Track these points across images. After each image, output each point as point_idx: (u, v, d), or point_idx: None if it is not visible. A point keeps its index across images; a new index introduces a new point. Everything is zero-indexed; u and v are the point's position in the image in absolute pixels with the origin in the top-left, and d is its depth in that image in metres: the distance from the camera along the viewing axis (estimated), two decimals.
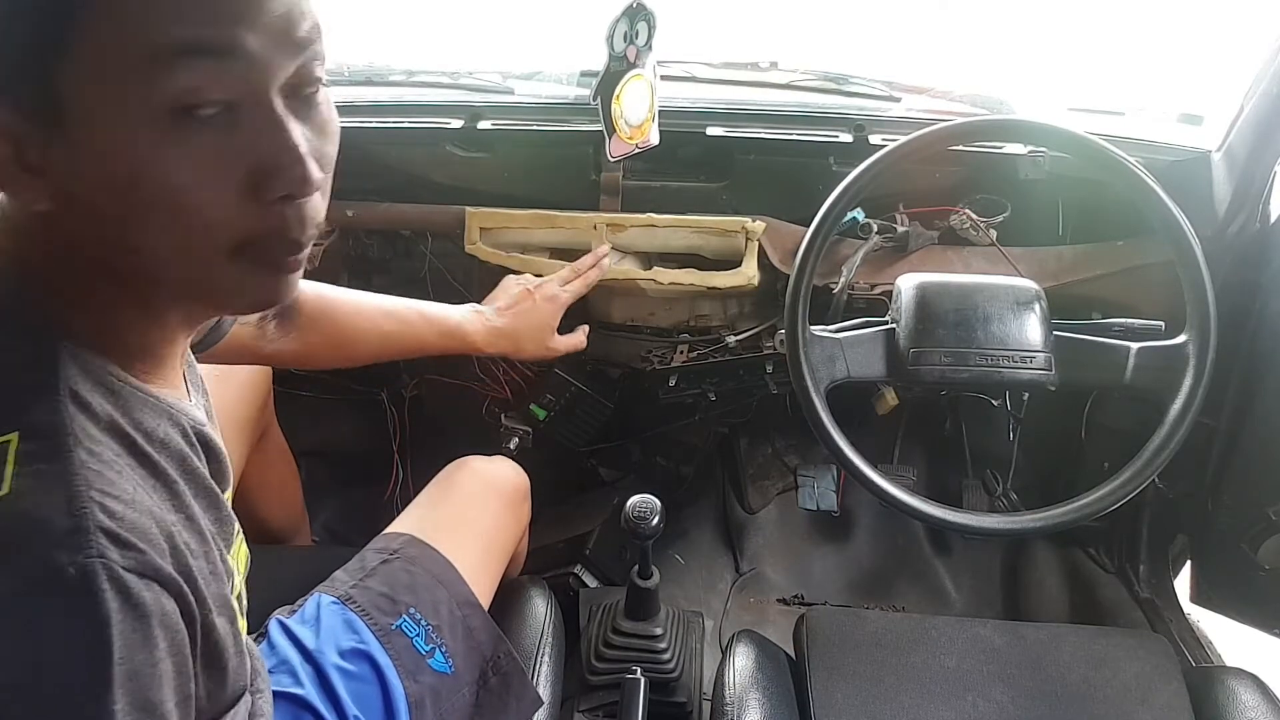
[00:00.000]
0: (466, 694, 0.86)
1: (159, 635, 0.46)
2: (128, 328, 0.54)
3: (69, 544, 0.43)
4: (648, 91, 1.16)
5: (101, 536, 0.44)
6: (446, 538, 0.93)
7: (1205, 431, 1.21)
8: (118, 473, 0.48)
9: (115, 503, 0.46)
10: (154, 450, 0.52)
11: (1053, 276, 1.20)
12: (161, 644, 0.46)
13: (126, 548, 0.45)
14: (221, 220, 0.48)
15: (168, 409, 0.55)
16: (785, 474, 1.72)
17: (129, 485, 0.48)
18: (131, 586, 0.44)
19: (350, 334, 1.04)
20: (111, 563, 0.44)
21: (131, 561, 0.45)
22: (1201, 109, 1.26)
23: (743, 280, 1.23)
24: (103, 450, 0.48)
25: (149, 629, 0.45)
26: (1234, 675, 1.01)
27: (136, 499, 0.48)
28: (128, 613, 0.44)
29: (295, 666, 0.79)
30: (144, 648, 0.45)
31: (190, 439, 0.57)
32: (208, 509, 0.56)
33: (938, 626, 1.07)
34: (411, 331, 1.09)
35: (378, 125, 1.27)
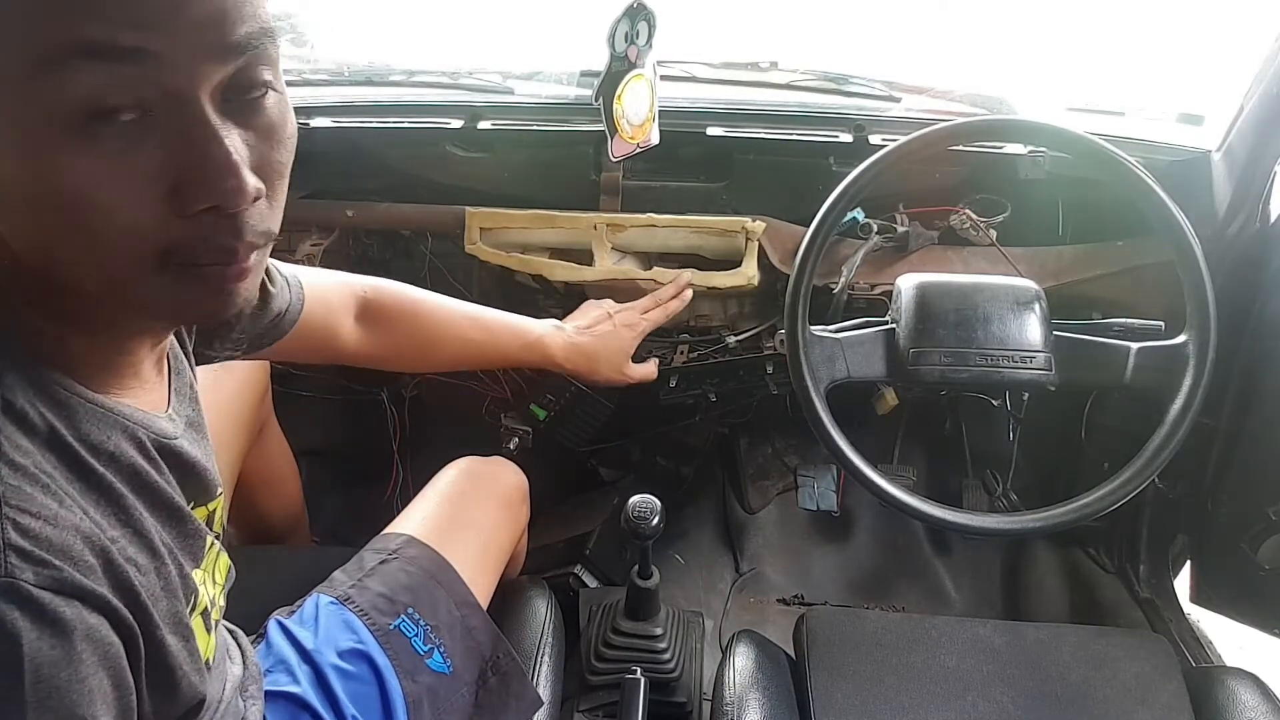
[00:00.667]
0: (465, 694, 0.86)
1: (84, 650, 0.44)
2: (74, 339, 0.52)
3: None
4: (648, 91, 1.16)
5: (12, 555, 0.43)
6: (445, 538, 0.93)
7: (1205, 431, 1.21)
8: (43, 487, 0.46)
9: (32, 520, 0.44)
10: (99, 463, 0.50)
11: (1053, 276, 1.20)
12: (88, 659, 0.45)
13: (41, 565, 0.43)
14: (140, 230, 0.45)
15: (122, 421, 0.53)
16: (785, 474, 1.72)
17: (53, 501, 0.46)
18: (46, 604, 0.43)
19: (434, 337, 1.05)
20: (20, 581, 0.42)
21: (46, 579, 0.43)
22: (1201, 109, 1.26)
23: (743, 280, 1.23)
24: (29, 463, 0.46)
25: (70, 645, 0.44)
26: (1234, 675, 1.01)
27: (61, 515, 0.46)
28: (43, 630, 0.43)
29: (293, 666, 0.79)
30: (66, 665, 0.43)
31: (149, 452, 0.55)
32: (166, 523, 0.55)
33: (938, 626, 1.07)
34: (495, 340, 1.10)
35: (378, 125, 1.27)
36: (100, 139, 0.43)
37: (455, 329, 1.06)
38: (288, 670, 0.78)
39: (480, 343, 1.08)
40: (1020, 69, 1.56)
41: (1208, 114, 1.24)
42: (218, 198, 0.46)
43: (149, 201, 0.45)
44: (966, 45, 1.71)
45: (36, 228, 0.46)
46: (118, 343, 0.55)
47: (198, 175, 0.45)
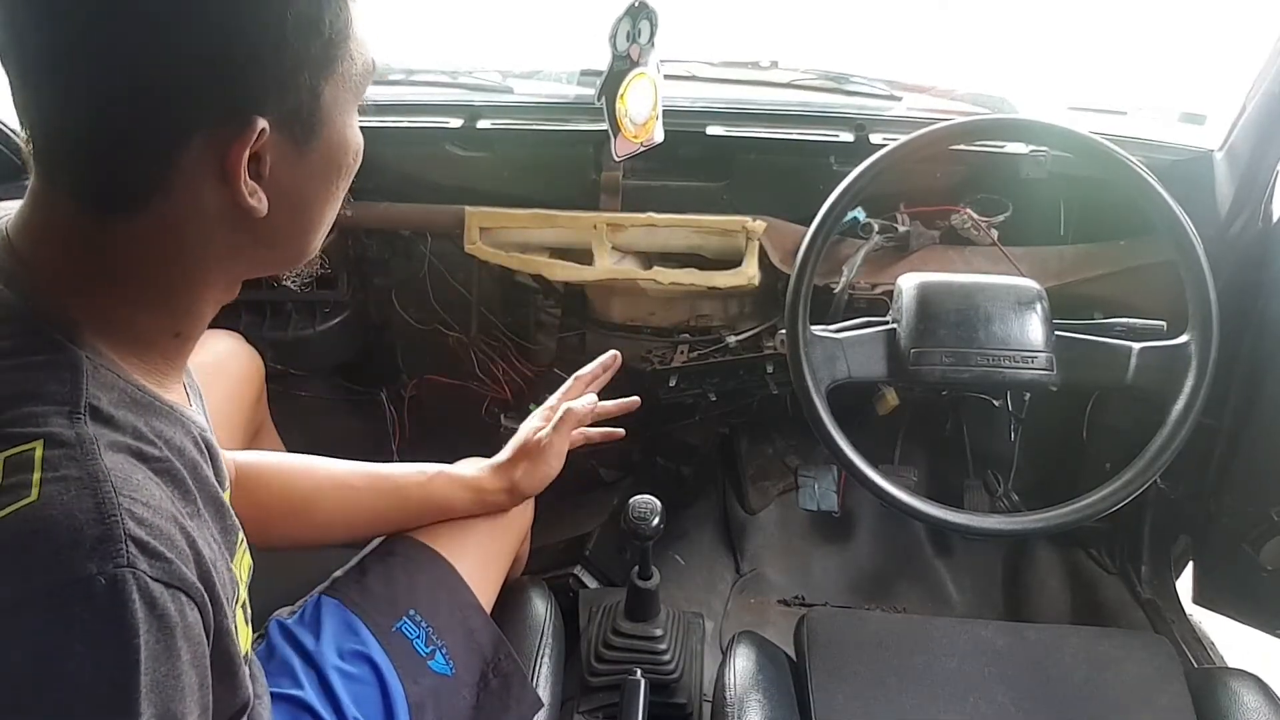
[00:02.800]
0: (467, 696, 0.86)
1: (182, 646, 0.46)
2: (155, 335, 0.55)
3: (99, 552, 0.43)
4: (651, 90, 1.16)
5: (132, 545, 0.44)
6: (447, 540, 0.92)
7: (1207, 432, 1.21)
8: (143, 481, 0.48)
9: (144, 509, 0.46)
10: (173, 457, 0.52)
11: (1054, 276, 1.20)
12: (184, 655, 0.46)
13: (155, 557, 0.45)
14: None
15: (180, 417, 0.56)
16: (786, 474, 1.72)
17: (155, 493, 0.48)
18: (158, 597, 0.45)
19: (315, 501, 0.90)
20: (140, 572, 0.44)
21: (159, 571, 0.45)
22: (1204, 108, 1.26)
23: (743, 280, 1.23)
24: (126, 458, 0.48)
25: (173, 640, 0.45)
26: (1236, 676, 1.01)
27: (162, 506, 0.48)
28: (153, 623, 0.44)
29: (295, 668, 0.78)
30: (167, 659, 0.45)
31: (200, 446, 0.57)
32: (215, 517, 0.56)
33: (939, 627, 1.07)
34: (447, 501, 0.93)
35: (377, 125, 1.27)
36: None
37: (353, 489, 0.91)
38: (290, 673, 0.78)
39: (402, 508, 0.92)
40: (1022, 68, 1.56)
41: (1210, 113, 1.24)
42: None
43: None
44: (968, 44, 1.71)
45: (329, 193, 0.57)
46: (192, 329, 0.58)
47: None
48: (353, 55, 0.53)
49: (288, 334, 1.42)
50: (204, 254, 0.53)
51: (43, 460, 0.45)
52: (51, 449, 0.45)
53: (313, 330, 1.43)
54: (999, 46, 1.68)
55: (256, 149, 0.49)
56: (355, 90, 0.55)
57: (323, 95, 0.52)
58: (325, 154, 0.54)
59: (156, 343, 0.55)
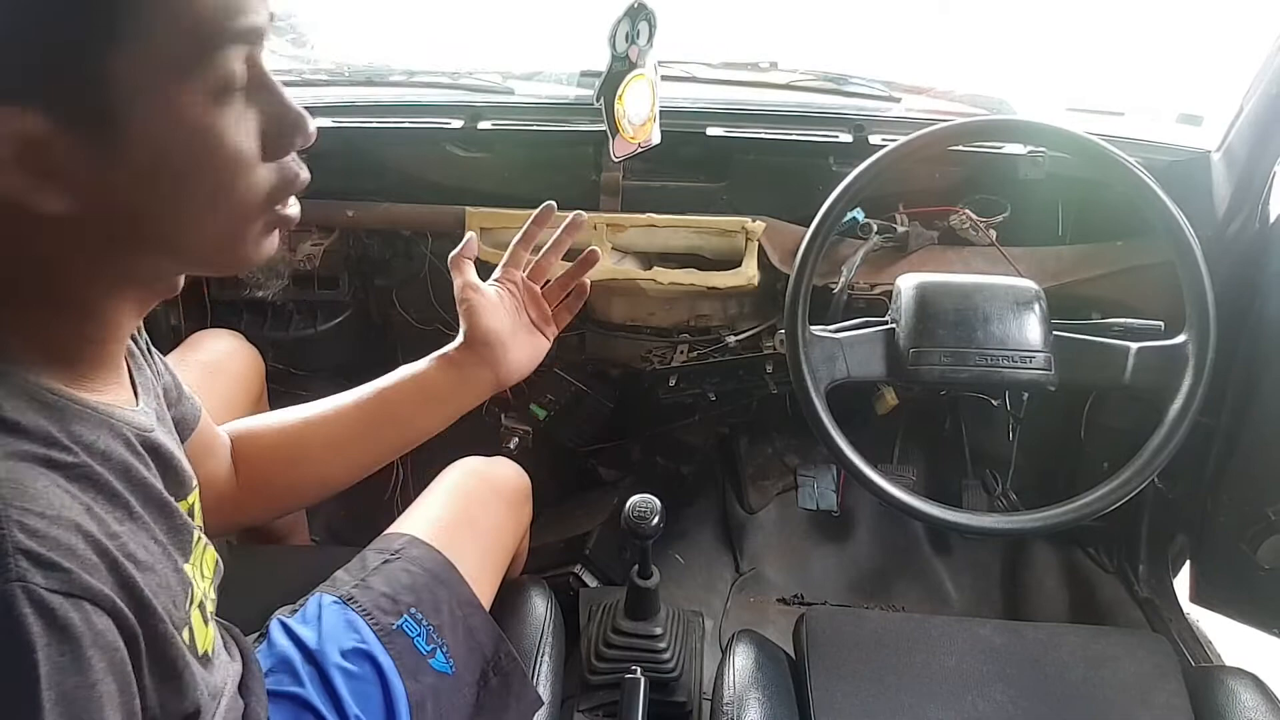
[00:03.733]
0: (467, 694, 0.86)
1: (93, 656, 0.44)
2: (67, 338, 0.53)
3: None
4: (650, 91, 1.17)
5: (21, 558, 0.42)
6: (448, 538, 0.93)
7: (1205, 431, 1.21)
8: (43, 489, 0.46)
9: (37, 520, 0.44)
10: (94, 462, 0.50)
11: (1052, 276, 1.20)
12: (97, 664, 0.44)
13: (50, 568, 0.43)
14: (256, 180, 0.52)
15: (107, 419, 0.53)
16: (785, 474, 1.72)
17: (55, 501, 0.46)
18: (56, 609, 0.43)
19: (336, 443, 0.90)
20: (33, 585, 0.42)
21: (55, 582, 0.43)
22: (1201, 109, 1.26)
23: (743, 280, 1.23)
24: (27, 468, 0.46)
25: (79, 650, 0.43)
26: (1233, 675, 1.01)
27: (63, 515, 0.46)
28: (54, 636, 0.42)
29: (296, 666, 0.78)
30: (76, 671, 0.43)
31: (135, 448, 0.55)
32: (158, 518, 0.55)
33: (937, 626, 1.07)
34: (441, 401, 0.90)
35: (378, 125, 1.28)
36: (230, 106, 0.50)
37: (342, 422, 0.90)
38: (290, 671, 0.78)
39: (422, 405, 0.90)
40: (1020, 69, 1.56)
41: (1207, 114, 1.24)
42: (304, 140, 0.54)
43: (257, 154, 0.52)
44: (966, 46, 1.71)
45: (168, 199, 0.50)
46: (113, 331, 0.55)
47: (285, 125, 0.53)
48: (173, 17, 0.45)
49: (289, 334, 1.43)
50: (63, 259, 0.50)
51: None
52: None
53: (314, 330, 1.44)
54: (997, 48, 1.68)
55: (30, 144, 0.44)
56: (181, 66, 0.46)
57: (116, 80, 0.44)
58: (151, 150, 0.47)
59: (69, 348, 0.53)
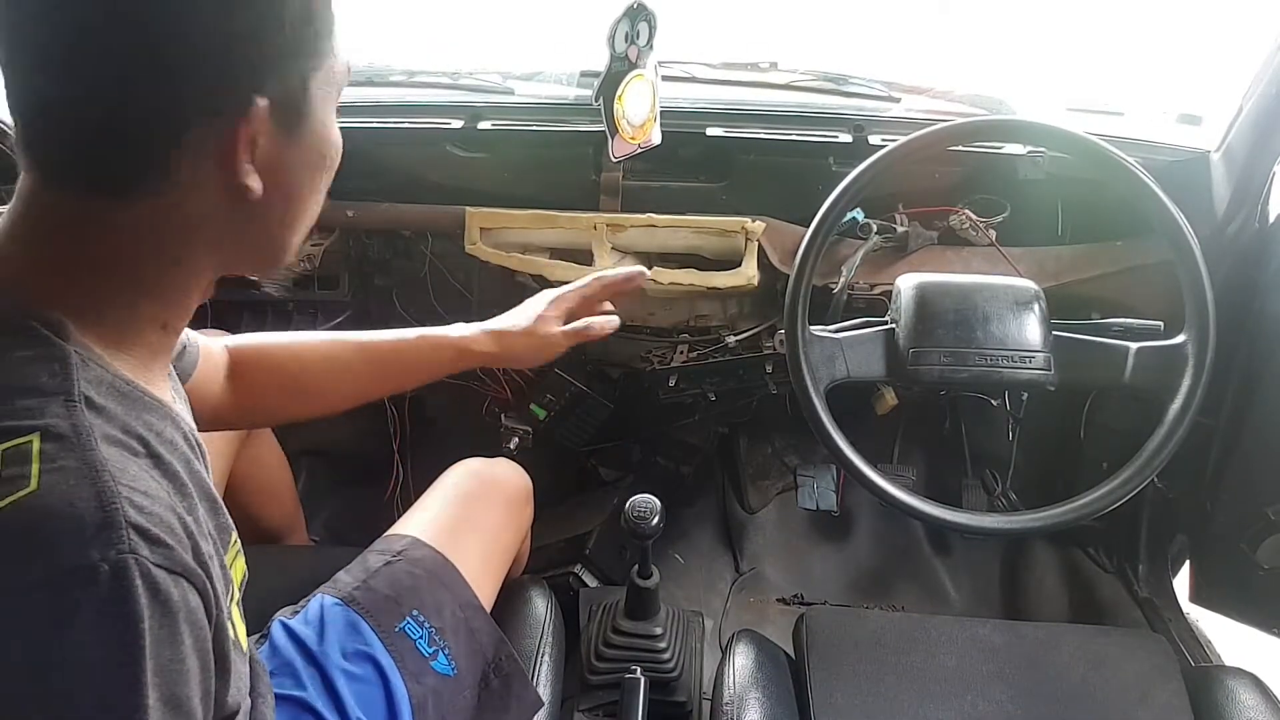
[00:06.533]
0: (468, 696, 0.86)
1: (185, 631, 0.47)
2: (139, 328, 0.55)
3: (101, 540, 0.44)
4: (649, 91, 1.17)
5: (133, 532, 0.45)
6: (450, 540, 0.93)
7: (1204, 431, 1.21)
8: (137, 471, 0.48)
9: (142, 498, 0.47)
10: (165, 451, 0.52)
11: (1052, 276, 1.20)
12: (187, 640, 0.47)
13: (155, 543, 0.46)
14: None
15: (169, 411, 0.56)
16: (785, 474, 1.72)
17: (150, 483, 0.48)
18: (160, 582, 0.45)
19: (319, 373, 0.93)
20: (143, 558, 0.44)
21: (160, 557, 0.46)
22: (1200, 109, 1.26)
23: (742, 280, 1.23)
24: (120, 450, 0.48)
25: (176, 625, 0.46)
26: (1233, 675, 1.02)
27: (159, 497, 0.48)
28: (157, 609, 0.45)
29: (298, 669, 0.79)
30: (171, 644, 0.46)
31: (191, 442, 0.57)
32: (209, 513, 0.57)
33: (937, 626, 1.07)
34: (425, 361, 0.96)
35: (378, 125, 1.28)
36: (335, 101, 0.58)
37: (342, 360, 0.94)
38: (293, 673, 0.78)
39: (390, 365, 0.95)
40: (1020, 69, 1.56)
41: (1206, 114, 1.24)
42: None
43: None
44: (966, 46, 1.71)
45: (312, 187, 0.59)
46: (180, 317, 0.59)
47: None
48: (335, 53, 0.56)
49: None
50: (196, 239, 0.54)
51: (40, 452, 0.45)
52: (48, 441, 0.46)
53: (314, 330, 1.44)
54: (997, 48, 1.68)
55: (253, 131, 0.51)
56: (336, 88, 0.58)
57: (310, 86, 0.54)
58: (312, 144, 0.56)
59: (143, 335, 0.56)
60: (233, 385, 0.90)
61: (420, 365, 0.96)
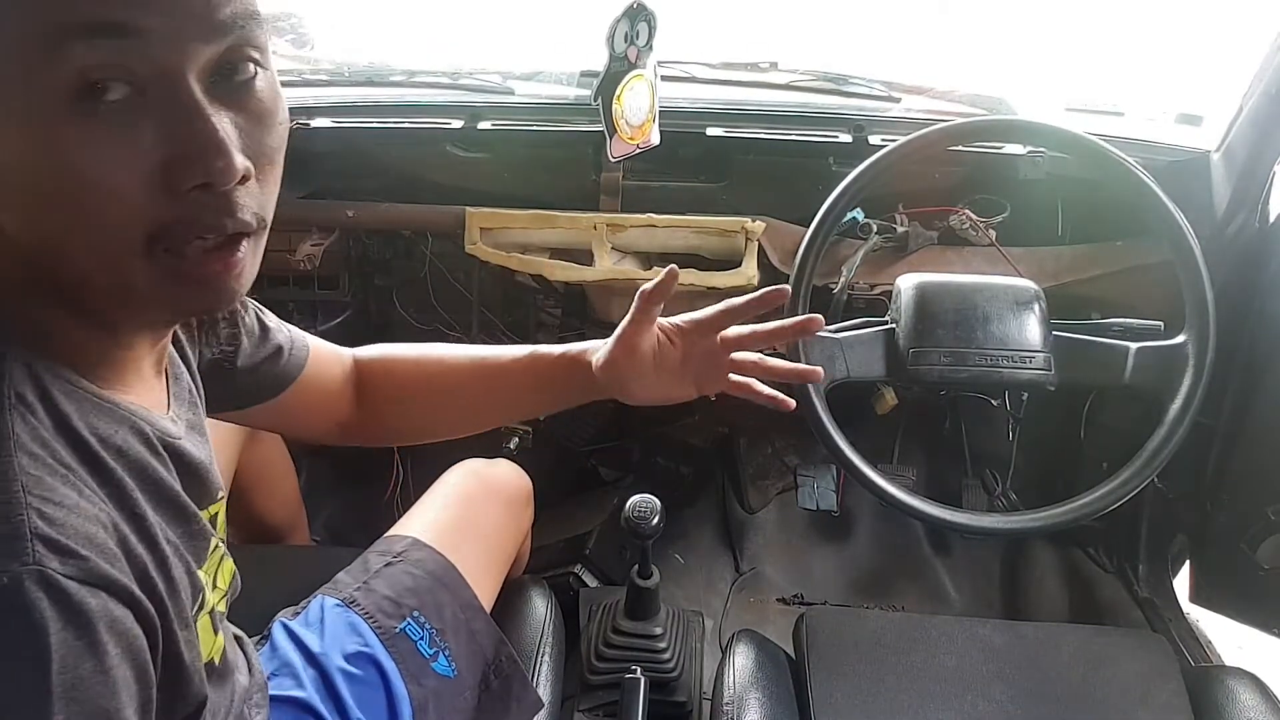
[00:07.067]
0: (468, 697, 0.86)
1: (107, 642, 0.44)
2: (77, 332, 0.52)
3: (3, 552, 0.42)
4: (648, 92, 1.17)
5: (38, 544, 0.42)
6: (450, 541, 0.93)
7: (1204, 431, 1.22)
8: (61, 478, 0.46)
9: (55, 509, 0.44)
10: (108, 456, 0.50)
11: (1052, 276, 1.20)
12: (111, 650, 0.44)
13: (67, 554, 0.43)
14: (130, 208, 0.45)
15: (128, 416, 0.53)
16: (785, 474, 1.72)
17: (73, 491, 0.46)
18: (72, 594, 0.43)
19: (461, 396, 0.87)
20: (49, 570, 0.42)
21: (73, 569, 0.43)
22: (1200, 109, 1.26)
23: (743, 280, 1.23)
24: (46, 455, 0.46)
25: (95, 635, 0.43)
26: (1233, 675, 1.01)
27: (81, 505, 0.46)
28: (68, 620, 0.42)
29: (299, 670, 0.78)
30: (91, 655, 0.43)
31: (155, 447, 0.54)
32: (172, 520, 0.55)
33: (937, 626, 1.07)
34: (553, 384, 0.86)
35: (378, 125, 1.28)
36: (93, 117, 0.43)
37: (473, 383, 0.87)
38: (293, 674, 0.78)
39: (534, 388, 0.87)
40: (1019, 69, 1.56)
41: (1207, 114, 1.24)
42: (207, 175, 0.45)
43: (139, 179, 0.45)
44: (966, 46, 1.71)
45: (36, 212, 0.46)
46: (120, 337, 0.54)
47: (188, 152, 0.45)
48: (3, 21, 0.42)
49: None
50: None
51: None
52: None
53: (314, 330, 1.44)
54: (997, 48, 1.68)
55: None
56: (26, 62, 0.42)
57: None
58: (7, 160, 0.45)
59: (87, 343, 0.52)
60: (357, 398, 0.88)
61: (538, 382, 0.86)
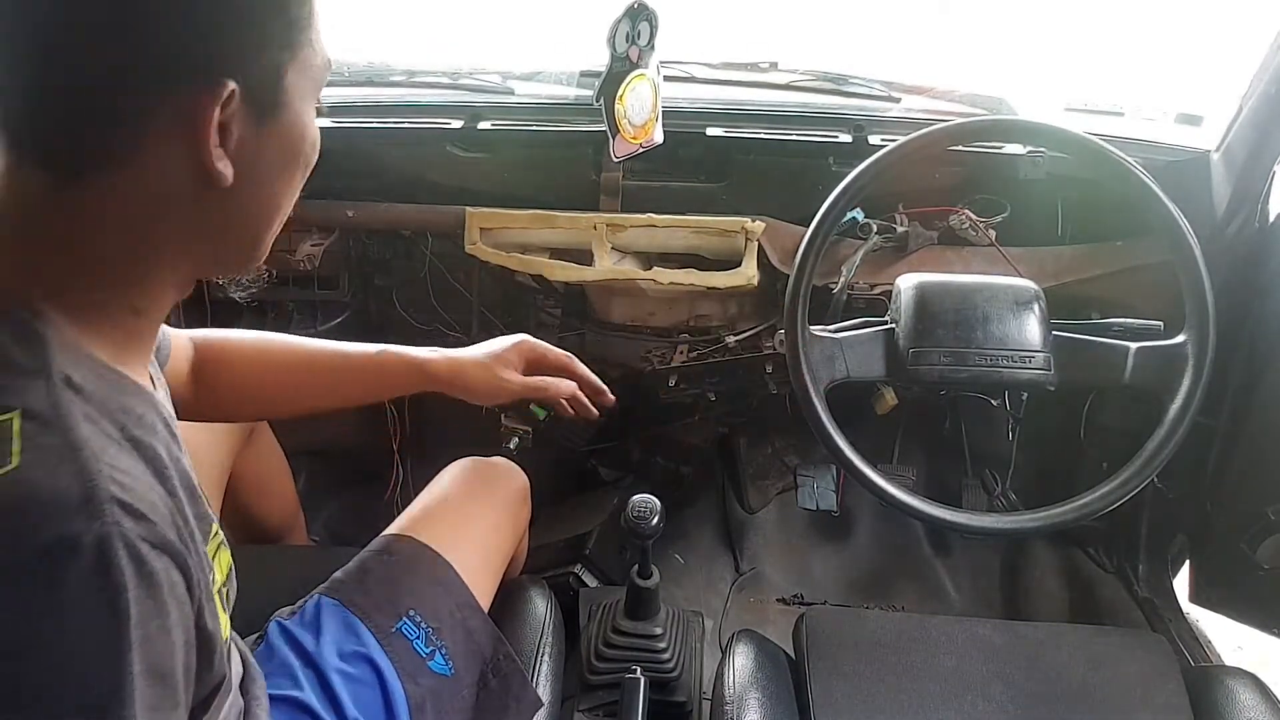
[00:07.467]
0: (466, 696, 0.86)
1: (170, 604, 0.47)
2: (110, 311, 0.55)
3: (84, 513, 0.44)
4: (651, 91, 1.17)
5: (115, 507, 0.45)
6: (446, 539, 0.93)
7: (1204, 431, 1.21)
8: (118, 449, 0.49)
9: (123, 475, 0.47)
10: (144, 434, 0.52)
11: (1052, 276, 1.20)
12: (172, 613, 0.48)
13: (138, 518, 0.46)
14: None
15: (149, 398, 0.56)
16: (785, 473, 1.72)
17: (132, 464, 0.49)
18: (145, 555, 0.46)
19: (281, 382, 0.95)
20: (126, 531, 0.45)
21: (144, 530, 0.46)
22: (1200, 109, 1.26)
23: (742, 280, 1.23)
24: (101, 430, 0.49)
25: (160, 597, 0.47)
26: (1233, 675, 1.01)
27: (140, 474, 0.49)
28: (141, 580, 0.45)
29: (295, 670, 0.78)
30: (157, 615, 0.46)
31: (171, 429, 0.57)
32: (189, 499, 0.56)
33: (937, 626, 1.07)
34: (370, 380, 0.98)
35: (378, 125, 1.28)
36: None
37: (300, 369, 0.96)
38: (290, 674, 0.78)
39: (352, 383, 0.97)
40: (1019, 69, 1.56)
41: (1206, 114, 1.25)
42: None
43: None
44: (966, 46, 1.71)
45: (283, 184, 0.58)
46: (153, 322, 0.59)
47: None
48: (314, 46, 0.55)
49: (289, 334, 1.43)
50: (163, 224, 0.54)
51: (20, 430, 0.45)
52: (28, 420, 0.46)
53: (314, 330, 1.44)
54: (997, 48, 1.68)
55: (224, 117, 0.50)
56: (315, 82, 0.57)
57: (285, 76, 0.53)
58: (286, 136, 0.56)
59: (114, 319, 0.55)
60: (194, 379, 0.90)
61: (377, 382, 0.97)
